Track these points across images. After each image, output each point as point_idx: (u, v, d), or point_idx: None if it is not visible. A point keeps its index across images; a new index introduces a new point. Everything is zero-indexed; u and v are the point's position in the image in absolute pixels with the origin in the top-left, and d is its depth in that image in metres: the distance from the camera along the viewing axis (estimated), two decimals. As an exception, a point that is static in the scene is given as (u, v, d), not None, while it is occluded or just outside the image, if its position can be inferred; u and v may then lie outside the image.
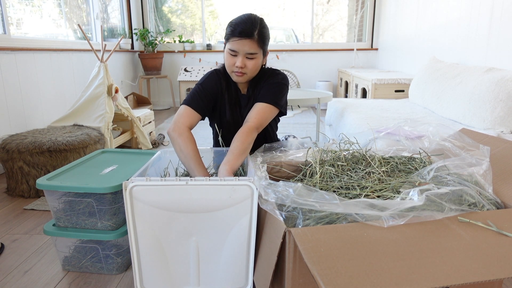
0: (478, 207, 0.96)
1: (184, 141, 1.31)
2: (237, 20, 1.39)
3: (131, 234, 1.06)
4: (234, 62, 1.39)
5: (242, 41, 1.35)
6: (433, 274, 0.69)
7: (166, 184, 1.02)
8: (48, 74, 3.21)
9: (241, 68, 1.39)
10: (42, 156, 2.10)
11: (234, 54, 1.38)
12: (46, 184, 1.31)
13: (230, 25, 1.39)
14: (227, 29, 1.40)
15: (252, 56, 1.38)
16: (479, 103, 2.12)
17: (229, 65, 1.41)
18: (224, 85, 1.51)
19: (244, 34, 1.34)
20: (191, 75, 5.02)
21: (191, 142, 1.32)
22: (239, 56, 1.38)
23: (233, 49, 1.37)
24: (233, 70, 1.42)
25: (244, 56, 1.38)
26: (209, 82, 1.49)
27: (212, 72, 1.52)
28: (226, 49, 1.41)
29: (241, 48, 1.36)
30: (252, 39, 1.35)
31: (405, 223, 0.85)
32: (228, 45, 1.38)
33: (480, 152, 1.13)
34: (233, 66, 1.40)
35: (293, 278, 0.86)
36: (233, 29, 1.36)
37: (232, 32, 1.36)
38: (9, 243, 1.65)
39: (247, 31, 1.34)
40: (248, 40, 1.35)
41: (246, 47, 1.36)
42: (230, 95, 1.52)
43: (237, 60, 1.38)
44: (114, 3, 5.03)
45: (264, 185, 0.99)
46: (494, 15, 2.60)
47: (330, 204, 0.88)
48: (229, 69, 1.43)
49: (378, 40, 5.43)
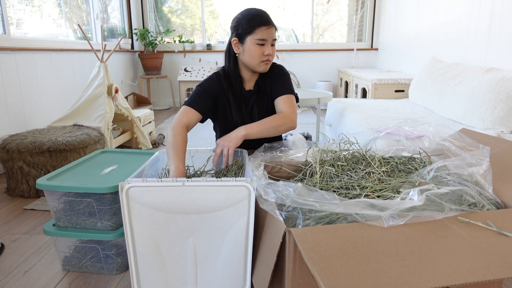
0: (478, 207, 0.96)
1: (174, 134, 1.34)
2: (253, 11, 1.45)
3: (128, 235, 1.06)
4: (262, 51, 1.44)
5: (270, 28, 1.43)
6: (433, 274, 0.69)
7: (162, 185, 1.01)
8: (48, 74, 3.21)
9: (269, 55, 1.45)
10: (42, 156, 2.10)
11: (262, 43, 1.43)
12: (46, 184, 1.31)
13: (251, 17, 1.43)
14: (246, 21, 1.43)
15: (274, 42, 1.48)
16: (479, 103, 2.12)
17: (258, 56, 1.44)
18: (226, 85, 1.52)
19: (271, 22, 1.44)
20: (191, 75, 5.02)
21: (179, 136, 1.34)
22: (267, 44, 1.44)
23: (262, 38, 1.42)
24: (262, 60, 1.45)
25: (270, 43, 1.45)
26: (209, 83, 1.52)
27: (211, 75, 1.55)
28: (251, 42, 1.43)
29: (269, 35, 1.43)
30: (274, 26, 1.46)
31: (405, 223, 0.85)
32: (255, 35, 1.42)
33: (480, 152, 1.13)
34: (263, 56, 1.44)
35: (293, 278, 0.86)
36: (258, 18, 1.42)
37: (260, 22, 1.42)
38: (9, 243, 1.65)
39: (270, 20, 1.45)
40: (273, 27, 1.45)
41: (273, 34, 1.45)
42: (235, 93, 1.53)
43: (266, 48, 1.44)
44: (114, 3, 5.04)
45: (264, 185, 0.99)
46: (494, 15, 2.60)
47: (330, 204, 0.88)
48: (258, 59, 1.45)
49: (378, 40, 5.43)
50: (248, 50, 1.44)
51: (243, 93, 1.55)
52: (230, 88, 1.53)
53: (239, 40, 1.47)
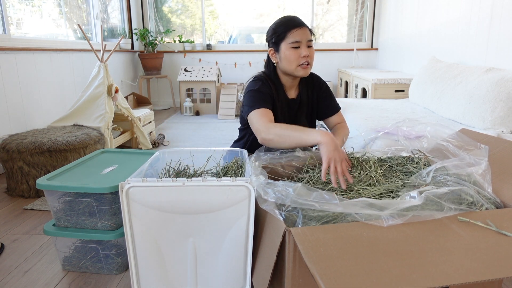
0: (478, 207, 0.96)
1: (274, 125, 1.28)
2: (283, 18, 1.46)
3: (128, 235, 1.06)
4: (299, 54, 1.41)
5: (303, 29, 1.41)
6: (433, 273, 0.69)
7: (162, 185, 1.02)
8: (48, 74, 3.21)
9: (307, 57, 1.41)
10: (42, 156, 2.10)
11: (297, 46, 1.40)
12: (46, 184, 1.31)
13: (282, 24, 1.43)
14: (278, 28, 1.43)
15: (311, 44, 1.44)
16: (479, 103, 2.12)
17: (294, 59, 1.41)
18: (274, 89, 1.49)
19: (302, 23, 1.42)
20: (191, 75, 5.02)
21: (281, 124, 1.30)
22: (302, 46, 1.41)
23: (296, 40, 1.40)
24: (299, 63, 1.42)
25: (306, 44, 1.41)
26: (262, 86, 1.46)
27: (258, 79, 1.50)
28: (286, 46, 1.41)
29: (303, 36, 1.40)
30: (306, 27, 1.43)
31: (405, 222, 0.85)
32: (289, 39, 1.40)
33: (479, 152, 1.13)
34: (300, 58, 1.41)
35: (293, 278, 0.86)
36: (289, 22, 1.42)
37: (290, 25, 1.41)
38: (9, 243, 1.65)
39: (300, 21, 1.43)
40: (306, 28, 1.42)
41: (307, 34, 1.42)
42: (280, 100, 1.51)
43: (302, 50, 1.41)
44: (114, 3, 5.04)
45: (263, 185, 0.99)
46: (494, 15, 2.60)
47: (330, 204, 0.88)
48: (295, 63, 1.42)
49: (378, 40, 5.43)
50: (284, 56, 1.43)
51: (287, 101, 1.53)
52: (277, 95, 1.50)
53: (275, 49, 1.46)
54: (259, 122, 1.33)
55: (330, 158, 1.09)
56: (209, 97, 5.08)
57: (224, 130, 4.09)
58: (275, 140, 1.26)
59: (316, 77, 1.61)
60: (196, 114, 5.04)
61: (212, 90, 5.01)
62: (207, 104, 5.09)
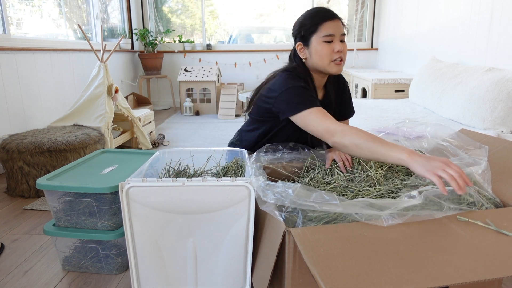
0: (477, 206, 0.96)
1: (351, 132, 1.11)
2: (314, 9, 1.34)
3: (128, 235, 1.06)
4: (332, 48, 1.29)
5: (336, 22, 1.29)
6: (433, 273, 0.69)
7: (162, 185, 1.02)
8: (48, 74, 3.21)
9: (340, 52, 1.29)
10: (42, 156, 2.10)
11: (330, 40, 1.28)
12: (46, 184, 1.31)
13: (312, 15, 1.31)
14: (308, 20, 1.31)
15: (344, 38, 1.32)
16: (479, 103, 2.12)
17: (327, 55, 1.29)
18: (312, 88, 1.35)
19: (335, 15, 1.30)
20: (191, 75, 5.02)
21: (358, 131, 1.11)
22: (335, 40, 1.29)
23: (329, 33, 1.27)
24: (332, 59, 1.30)
25: (339, 38, 1.30)
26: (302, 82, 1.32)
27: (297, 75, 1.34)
28: (317, 41, 1.29)
29: (337, 29, 1.29)
30: (339, 19, 1.32)
31: (405, 222, 0.85)
32: (321, 32, 1.28)
33: (478, 152, 1.13)
34: (333, 53, 1.29)
35: (293, 278, 0.86)
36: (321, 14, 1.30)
37: (323, 17, 1.29)
38: (9, 243, 1.65)
39: (334, 13, 1.31)
40: (339, 21, 1.31)
41: (340, 28, 1.30)
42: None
43: (336, 44, 1.29)
44: (114, 3, 5.04)
45: (263, 186, 0.99)
46: (494, 15, 2.60)
47: (330, 205, 0.88)
48: (328, 59, 1.30)
49: (378, 40, 5.43)
50: (316, 51, 1.30)
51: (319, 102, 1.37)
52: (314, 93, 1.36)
53: (304, 43, 1.34)
54: (326, 122, 1.17)
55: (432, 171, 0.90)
56: (209, 97, 5.08)
57: (224, 130, 4.09)
58: (351, 148, 1.10)
59: (343, 78, 1.52)
60: (196, 114, 5.04)
61: (212, 90, 5.01)
62: (207, 104, 5.09)
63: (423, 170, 0.92)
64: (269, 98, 1.33)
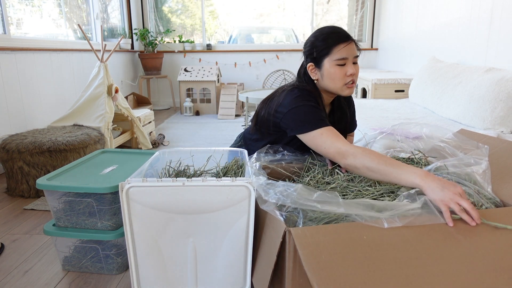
0: (477, 206, 0.96)
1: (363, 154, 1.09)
2: (326, 30, 1.29)
3: (128, 236, 1.06)
4: (345, 71, 1.26)
5: (350, 44, 1.27)
6: (431, 284, 0.68)
7: (162, 185, 1.01)
8: (48, 74, 3.21)
9: (353, 75, 1.27)
10: (42, 156, 2.10)
11: (343, 63, 1.26)
12: (46, 184, 1.31)
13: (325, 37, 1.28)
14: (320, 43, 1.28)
15: (356, 60, 1.30)
16: (479, 103, 2.13)
17: (340, 78, 1.27)
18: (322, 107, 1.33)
19: (349, 38, 1.27)
20: (191, 75, 5.02)
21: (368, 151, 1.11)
22: (348, 63, 1.27)
23: (342, 57, 1.25)
24: (345, 82, 1.28)
25: (352, 61, 1.28)
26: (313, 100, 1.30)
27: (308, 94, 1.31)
28: (330, 64, 1.27)
29: (350, 52, 1.26)
30: (353, 41, 1.29)
31: (405, 225, 0.85)
32: (334, 56, 1.26)
33: (479, 152, 1.13)
34: (346, 77, 1.27)
35: (293, 278, 0.86)
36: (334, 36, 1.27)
37: (336, 40, 1.26)
38: (9, 243, 1.65)
39: (347, 35, 1.28)
40: (352, 43, 1.28)
41: (353, 50, 1.28)
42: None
43: (349, 68, 1.26)
44: (114, 3, 5.04)
45: (264, 185, 0.99)
46: (494, 15, 2.60)
47: (331, 204, 0.88)
48: (341, 82, 1.28)
49: (378, 40, 5.43)
50: (328, 74, 1.28)
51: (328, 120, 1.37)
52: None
53: (316, 65, 1.31)
54: (337, 144, 1.16)
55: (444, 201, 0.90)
56: (209, 97, 5.08)
57: (224, 130, 4.09)
58: (362, 170, 1.10)
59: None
60: (196, 114, 5.05)
61: (212, 90, 5.01)
62: (207, 104, 5.09)
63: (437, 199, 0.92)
64: (278, 113, 1.32)
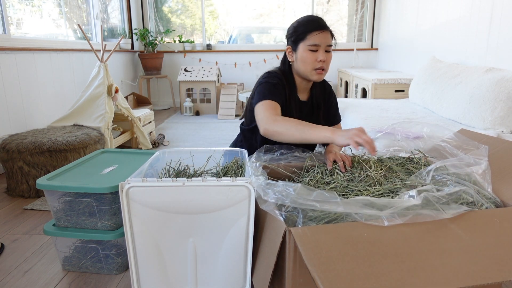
0: (477, 206, 0.96)
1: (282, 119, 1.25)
2: (306, 18, 1.41)
3: (128, 235, 1.06)
4: (315, 57, 1.37)
5: (324, 33, 1.37)
6: (432, 277, 0.69)
7: (162, 185, 1.01)
8: (48, 74, 3.21)
9: (323, 62, 1.38)
10: (42, 156, 2.10)
11: (315, 49, 1.37)
12: (46, 184, 1.31)
13: (304, 23, 1.39)
14: (299, 27, 1.39)
15: (329, 49, 1.40)
16: (479, 103, 2.12)
17: (310, 63, 1.38)
18: (288, 89, 1.45)
19: (324, 27, 1.38)
20: (191, 75, 5.02)
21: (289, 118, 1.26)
22: (320, 50, 1.38)
23: (315, 43, 1.36)
24: (315, 67, 1.39)
25: (324, 49, 1.38)
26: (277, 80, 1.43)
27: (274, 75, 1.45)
28: (303, 48, 1.38)
29: (323, 40, 1.37)
30: (329, 31, 1.40)
31: (405, 222, 0.85)
32: (308, 41, 1.37)
33: (478, 152, 1.13)
34: (316, 62, 1.38)
35: (293, 278, 0.86)
36: (311, 24, 1.38)
37: (312, 27, 1.37)
38: (9, 243, 1.65)
39: (324, 24, 1.39)
40: (327, 32, 1.39)
41: (327, 39, 1.38)
42: (294, 100, 1.48)
43: (320, 54, 1.37)
44: (114, 3, 5.04)
45: (263, 185, 0.99)
46: (494, 15, 2.60)
47: (331, 203, 0.88)
48: (311, 66, 1.39)
49: (378, 40, 5.43)
50: (301, 57, 1.40)
51: (298, 102, 1.50)
52: (291, 94, 1.46)
53: (293, 48, 1.44)
54: (265, 113, 1.29)
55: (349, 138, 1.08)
56: (209, 97, 5.08)
57: (224, 130, 4.09)
58: (282, 133, 1.22)
59: (328, 85, 1.60)
60: (196, 114, 5.04)
61: (212, 90, 5.01)
62: (207, 104, 5.09)
63: (343, 139, 1.10)
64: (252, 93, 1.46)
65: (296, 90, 1.50)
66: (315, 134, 1.17)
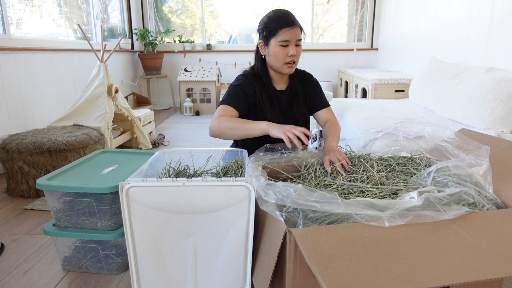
0: (478, 207, 0.96)
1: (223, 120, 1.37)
2: (277, 13, 1.47)
3: (128, 236, 1.06)
4: (286, 52, 1.45)
5: (294, 29, 1.44)
6: (434, 273, 0.69)
7: (162, 185, 1.01)
8: (48, 74, 3.21)
9: (293, 56, 1.46)
10: (42, 156, 2.10)
11: (286, 45, 1.45)
12: (46, 184, 1.31)
13: (274, 20, 1.45)
14: (270, 24, 1.46)
15: (299, 43, 1.48)
16: (479, 103, 2.12)
17: (282, 57, 1.46)
18: (259, 85, 1.54)
19: (294, 23, 1.45)
20: (191, 75, 5.01)
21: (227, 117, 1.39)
22: (290, 45, 1.45)
23: (286, 39, 1.43)
24: (286, 61, 1.47)
25: (295, 43, 1.46)
26: (243, 83, 1.52)
27: (242, 76, 1.56)
28: (275, 43, 1.45)
29: (293, 36, 1.44)
30: (298, 26, 1.46)
31: (406, 223, 0.85)
32: (279, 37, 1.44)
33: (479, 152, 1.13)
34: (287, 57, 1.46)
35: (293, 279, 0.86)
36: (282, 20, 1.44)
37: (283, 23, 1.43)
38: (9, 243, 1.65)
39: (294, 20, 1.46)
40: (297, 28, 1.45)
41: (297, 34, 1.45)
42: (268, 92, 1.54)
43: (290, 49, 1.45)
44: (114, 3, 5.03)
45: (263, 186, 0.99)
46: (494, 16, 2.60)
47: (331, 204, 0.88)
48: (282, 61, 1.47)
49: (378, 40, 5.43)
50: (273, 52, 1.47)
51: (275, 93, 1.57)
52: (263, 87, 1.54)
53: (265, 43, 1.50)
54: (217, 114, 1.43)
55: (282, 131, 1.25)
56: (209, 97, 5.08)
57: (224, 130, 4.09)
58: (225, 131, 1.37)
59: (307, 74, 1.67)
60: (196, 114, 5.04)
61: (212, 90, 5.01)
62: (207, 104, 5.09)
63: (277, 132, 1.27)
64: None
65: (271, 81, 1.58)
66: (254, 127, 1.33)
